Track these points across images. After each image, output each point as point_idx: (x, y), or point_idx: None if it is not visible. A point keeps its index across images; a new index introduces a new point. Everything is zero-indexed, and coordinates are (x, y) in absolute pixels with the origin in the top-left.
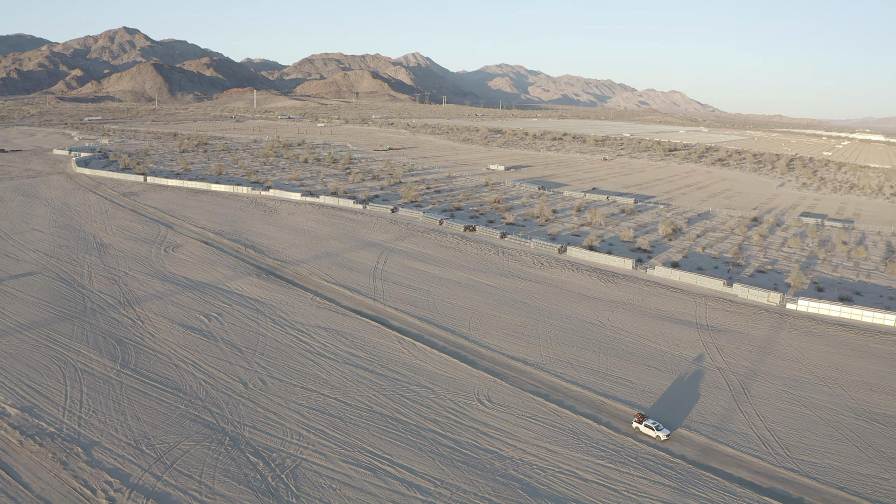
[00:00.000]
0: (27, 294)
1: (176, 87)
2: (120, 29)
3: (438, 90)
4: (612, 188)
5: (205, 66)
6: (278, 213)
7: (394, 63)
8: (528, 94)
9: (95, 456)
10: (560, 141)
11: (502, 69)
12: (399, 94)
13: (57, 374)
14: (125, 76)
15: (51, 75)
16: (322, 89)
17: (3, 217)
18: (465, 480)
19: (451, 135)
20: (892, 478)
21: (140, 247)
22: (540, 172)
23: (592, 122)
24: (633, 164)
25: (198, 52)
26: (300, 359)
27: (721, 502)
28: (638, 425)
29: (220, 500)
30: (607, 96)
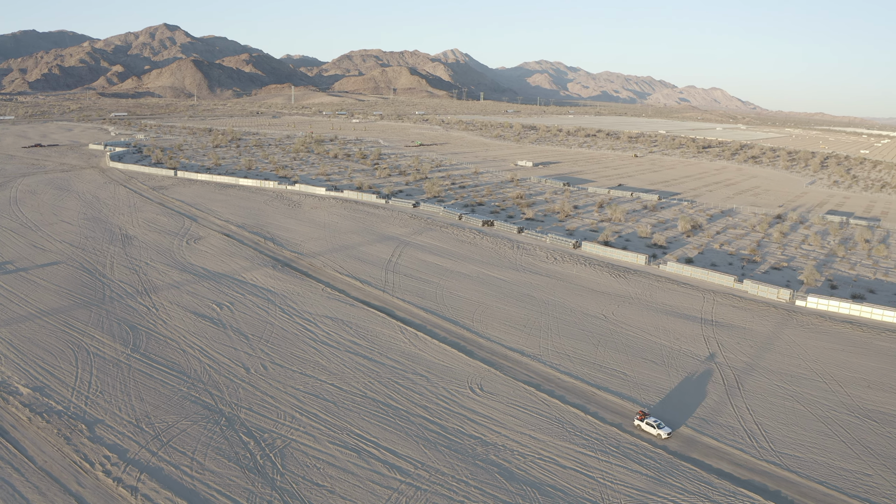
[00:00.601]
0: (50, 282)
1: (215, 84)
2: (160, 25)
3: (477, 87)
4: (639, 185)
5: (244, 63)
6: (301, 208)
7: (432, 59)
8: (567, 91)
9: (98, 433)
10: (593, 138)
11: (541, 65)
12: (437, 90)
13: (70, 357)
14: (165, 72)
15: (92, 71)
16: (360, 86)
17: (34, 209)
18: (445, 464)
19: (483, 131)
20: (875, 474)
21: (163, 239)
22: (568, 169)
23: (629, 119)
24: (663, 160)
25: (237, 48)
26: (303, 346)
27: (695, 492)
28: (640, 423)
29: (208, 475)
30: (647, 93)
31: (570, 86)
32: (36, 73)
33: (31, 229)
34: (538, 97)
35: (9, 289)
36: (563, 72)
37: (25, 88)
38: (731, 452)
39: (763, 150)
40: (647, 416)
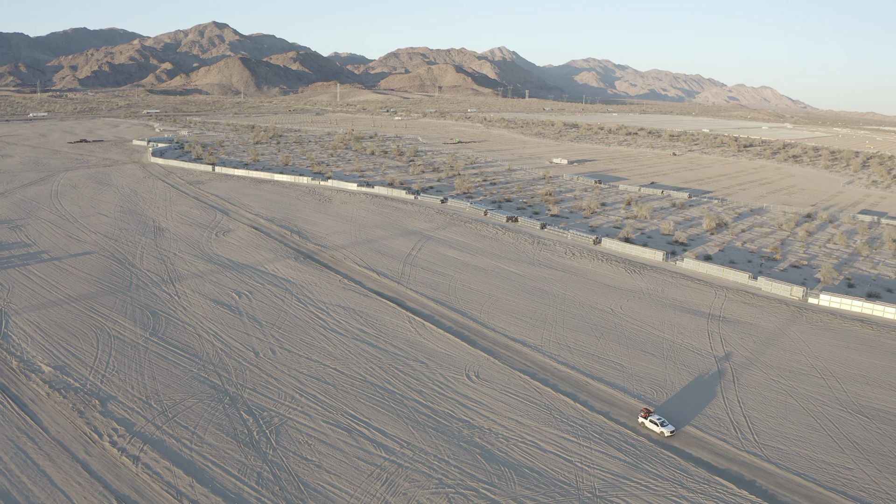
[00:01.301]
0: (81, 271)
1: (262, 81)
2: (209, 23)
3: (523, 84)
4: (672, 183)
5: (291, 60)
6: (331, 203)
7: (479, 57)
8: (614, 89)
9: (109, 408)
10: (633, 136)
11: (589, 63)
12: (482, 88)
13: (92, 340)
14: (213, 70)
15: (141, 68)
16: (406, 83)
17: (74, 202)
18: (430, 444)
19: (524, 129)
20: (857, 468)
21: (194, 231)
22: (603, 167)
23: (674, 118)
24: (702, 159)
25: (286, 46)
26: (313, 333)
27: (669, 478)
28: (644, 420)
29: (206, 448)
30: (696, 91)
31: (617, 84)
32: (86, 70)
33: (69, 221)
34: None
35: (41, 276)
36: (610, 70)
37: (76, 85)
38: (713, 442)
39: (805, 149)
40: (651, 413)
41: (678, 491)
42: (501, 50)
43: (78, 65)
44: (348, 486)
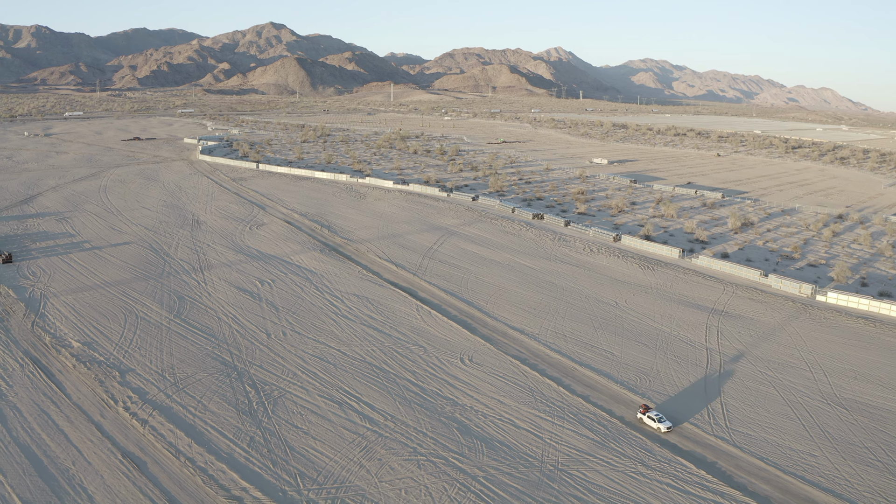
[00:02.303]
0: (118, 259)
1: (317, 81)
2: (267, 24)
3: (579, 85)
4: (710, 183)
5: (347, 61)
6: (366, 199)
7: (534, 58)
8: (672, 90)
9: (127, 378)
10: (682, 137)
11: (646, 64)
12: (536, 88)
13: (120, 320)
14: (269, 70)
15: (199, 68)
16: (460, 83)
17: (121, 196)
18: (412, 418)
19: (572, 129)
20: (822, 456)
21: (229, 224)
22: (643, 167)
23: (727, 119)
24: (746, 160)
25: (342, 46)
26: (324, 318)
27: (632, 456)
28: (642, 416)
29: (208, 414)
30: (754, 92)
31: (675, 84)
32: (145, 70)
33: (113, 214)
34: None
35: (81, 263)
36: (668, 70)
37: (135, 84)
38: (683, 426)
39: (854, 151)
40: (649, 409)
41: (637, 468)
42: (558, 50)
43: (137, 64)
44: (330, 450)
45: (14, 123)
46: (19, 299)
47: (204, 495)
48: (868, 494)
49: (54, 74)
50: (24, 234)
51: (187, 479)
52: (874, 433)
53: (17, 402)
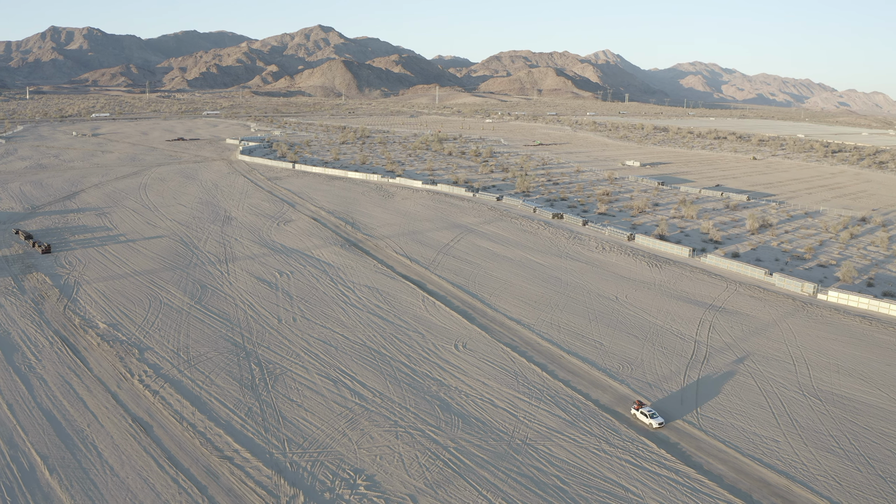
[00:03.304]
0: (149, 251)
1: (364, 83)
2: (315, 27)
3: (626, 88)
4: (740, 186)
5: (393, 63)
6: (393, 198)
7: (581, 60)
8: (721, 94)
9: (145, 356)
10: (721, 140)
11: (695, 67)
12: (582, 91)
13: (145, 305)
14: (316, 72)
15: (248, 70)
16: (505, 86)
17: (159, 194)
18: (398, 395)
19: (611, 132)
20: (784, 442)
21: (258, 220)
22: (675, 169)
23: (772, 123)
24: (781, 164)
25: (389, 49)
26: (333, 306)
27: (598, 435)
28: (635, 412)
29: (213, 387)
30: (805, 96)
31: (724, 88)
32: (195, 72)
33: (150, 210)
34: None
35: (115, 254)
36: (717, 73)
37: (184, 86)
38: (637, 399)
39: (895, 155)
40: (642, 406)
41: (601, 445)
42: (605, 53)
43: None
44: (318, 420)
45: (63, 123)
46: (54, 286)
47: (199, 455)
48: (822, 478)
49: (105, 76)
50: (65, 228)
51: (187, 441)
52: (843, 423)
53: (44, 374)
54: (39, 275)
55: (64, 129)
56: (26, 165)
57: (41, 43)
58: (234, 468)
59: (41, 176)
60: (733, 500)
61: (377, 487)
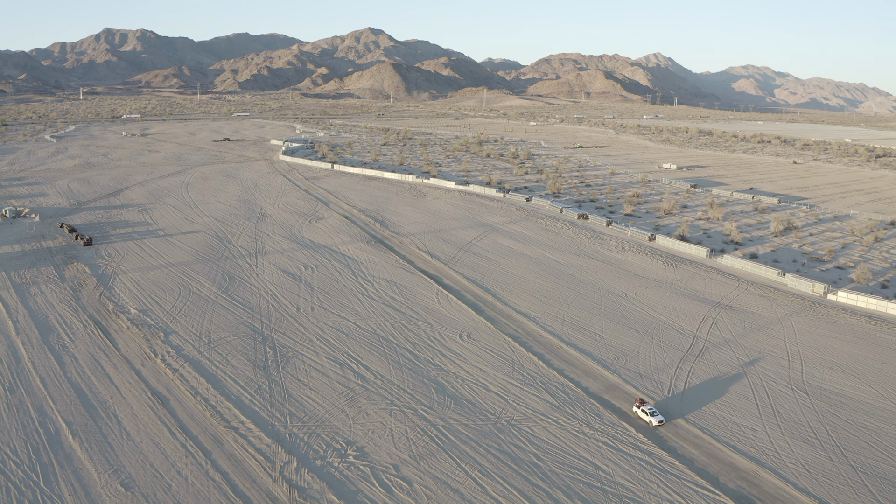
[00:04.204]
0: (185, 244)
1: (412, 86)
2: (365, 29)
3: (676, 91)
4: (775, 189)
5: (442, 66)
6: (425, 198)
7: (631, 63)
8: (773, 98)
9: (170, 338)
10: (764, 144)
11: (747, 70)
12: (631, 94)
13: (175, 293)
14: (365, 75)
15: (298, 73)
16: (554, 89)
17: (199, 192)
18: (399, 378)
19: (654, 135)
20: (762, 430)
21: (291, 218)
22: (711, 172)
23: (821, 127)
24: (822, 168)
25: (438, 51)
26: (352, 298)
27: (581, 419)
28: (637, 409)
29: (228, 367)
30: (859, 101)
31: (776, 92)
32: (246, 74)
33: (190, 206)
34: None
35: (152, 247)
36: (770, 77)
37: (235, 88)
38: (637, 396)
39: None
40: (644, 403)
41: (581, 428)
42: (657, 56)
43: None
44: (320, 398)
45: (114, 123)
46: (93, 275)
47: (208, 424)
48: (791, 465)
49: (158, 77)
50: (107, 222)
51: (199, 412)
52: (825, 416)
53: (76, 353)
54: (80, 265)
55: (114, 129)
56: (75, 163)
57: (95, 44)
58: (238, 437)
59: (89, 174)
60: (699, 481)
61: (365, 457)
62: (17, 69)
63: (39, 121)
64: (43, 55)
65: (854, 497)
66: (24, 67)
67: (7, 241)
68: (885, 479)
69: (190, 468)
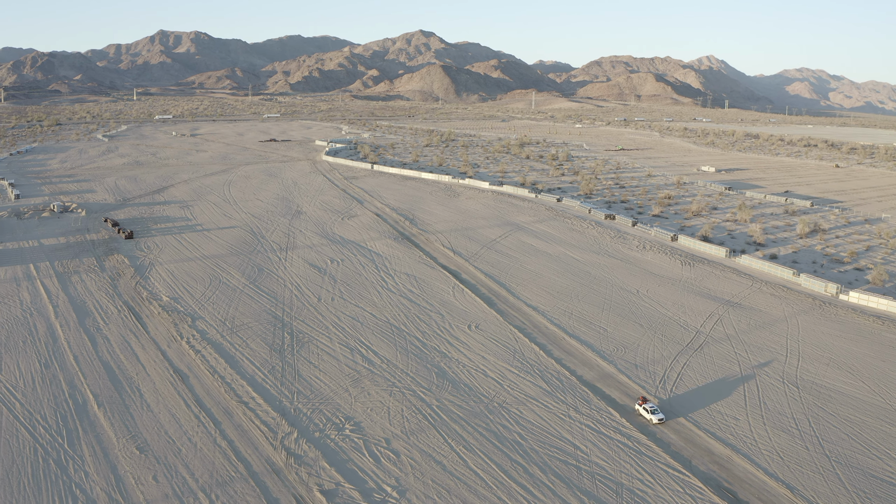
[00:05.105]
0: (220, 239)
1: (462, 88)
2: (416, 32)
3: (729, 94)
4: (811, 192)
5: (492, 68)
6: (458, 198)
7: (683, 66)
8: (828, 101)
9: (196, 323)
10: (810, 147)
11: (802, 73)
12: (682, 97)
13: (205, 282)
14: (415, 77)
15: (349, 75)
16: (604, 92)
17: (240, 190)
18: (403, 363)
19: (699, 138)
20: (743, 420)
21: (325, 215)
22: (750, 175)
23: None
24: (864, 172)
25: (489, 54)
26: (371, 290)
27: (569, 403)
28: (639, 407)
29: (247, 349)
30: None
31: (831, 95)
32: (297, 76)
33: (230, 204)
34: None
35: (190, 241)
36: (825, 80)
37: (287, 89)
38: (629, 386)
39: None
40: (646, 401)
41: (568, 412)
42: (709, 59)
43: (290, 70)
44: (328, 378)
45: (165, 124)
46: (131, 265)
47: (222, 399)
48: (766, 452)
49: (211, 78)
50: (149, 217)
51: (214, 388)
52: (811, 408)
53: (108, 334)
54: (119, 256)
55: (165, 129)
56: (124, 162)
57: (150, 46)
58: (247, 410)
59: (136, 172)
60: (672, 463)
61: (360, 431)
62: (73, 70)
63: (93, 120)
64: (98, 56)
65: (822, 483)
66: (80, 68)
67: (54, 233)
68: (857, 468)
69: (200, 436)
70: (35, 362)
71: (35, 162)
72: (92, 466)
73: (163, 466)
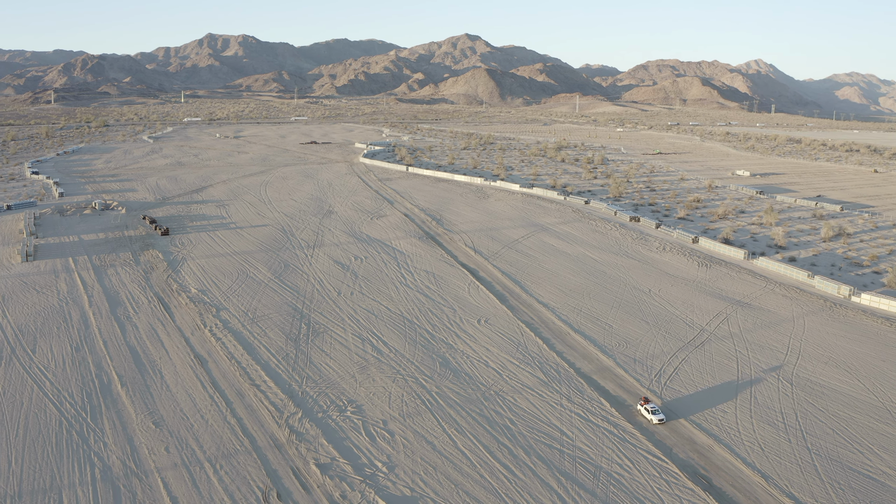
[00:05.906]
0: (252, 236)
1: (506, 92)
2: (462, 35)
3: (777, 99)
4: (844, 197)
5: (537, 72)
6: (487, 199)
7: (731, 70)
8: (878, 106)
9: (220, 313)
10: (852, 152)
11: (852, 78)
12: (729, 101)
13: (233, 277)
14: (460, 80)
15: (394, 78)
16: (649, 95)
17: (276, 190)
18: (410, 352)
19: (739, 143)
20: (731, 412)
21: (355, 215)
22: (784, 180)
23: None
24: None
25: (535, 58)
26: (390, 285)
27: (562, 393)
28: (640, 408)
29: (265, 338)
30: None
31: (881, 100)
32: (343, 79)
33: (264, 203)
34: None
35: (222, 238)
36: (875, 85)
37: (333, 93)
38: (626, 379)
39: None
40: (647, 402)
41: (561, 401)
42: (758, 63)
43: (336, 73)
44: (336, 365)
45: (210, 126)
46: (164, 260)
47: (236, 381)
48: (748, 443)
49: (258, 81)
50: (186, 215)
51: (230, 372)
52: (801, 404)
53: (137, 322)
54: (154, 251)
55: (209, 132)
56: (167, 163)
57: (198, 49)
58: (258, 392)
59: (178, 172)
60: (653, 450)
61: (360, 413)
62: (122, 72)
63: (140, 122)
64: (147, 59)
65: (798, 474)
66: (129, 71)
67: (94, 229)
68: (837, 461)
69: (212, 414)
70: (67, 346)
71: (81, 162)
72: (111, 438)
73: (175, 439)
